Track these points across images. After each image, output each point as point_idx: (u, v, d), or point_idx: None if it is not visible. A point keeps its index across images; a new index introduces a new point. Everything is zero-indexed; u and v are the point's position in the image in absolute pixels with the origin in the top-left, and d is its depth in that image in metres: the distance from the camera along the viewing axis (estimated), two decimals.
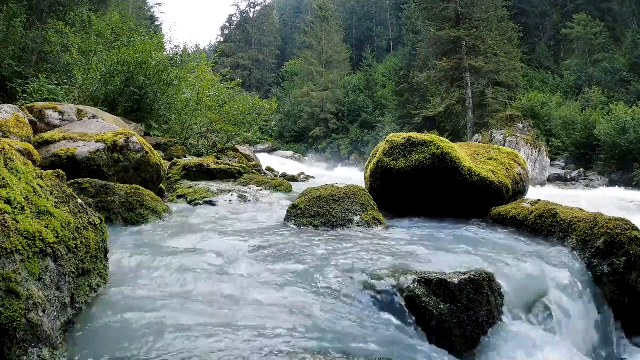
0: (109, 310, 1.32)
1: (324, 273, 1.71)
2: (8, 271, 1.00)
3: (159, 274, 1.66)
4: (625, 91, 27.27)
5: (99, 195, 2.68)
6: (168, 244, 2.17)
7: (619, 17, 35.64)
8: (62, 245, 1.28)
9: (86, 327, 1.22)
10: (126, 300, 1.40)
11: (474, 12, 25.86)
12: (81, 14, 13.14)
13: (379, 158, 3.29)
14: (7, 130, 3.43)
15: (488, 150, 3.73)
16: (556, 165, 22.58)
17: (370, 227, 2.62)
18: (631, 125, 19.56)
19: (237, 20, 54.31)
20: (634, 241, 2.07)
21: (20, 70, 10.33)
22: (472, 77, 24.96)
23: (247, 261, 1.88)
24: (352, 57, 44.36)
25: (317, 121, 37.66)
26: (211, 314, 1.33)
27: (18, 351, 0.96)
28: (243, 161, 7.34)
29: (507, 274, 1.82)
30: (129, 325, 1.23)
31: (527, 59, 32.95)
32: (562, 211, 2.50)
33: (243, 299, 1.47)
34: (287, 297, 1.50)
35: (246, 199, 3.88)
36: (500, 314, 1.64)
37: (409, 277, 1.58)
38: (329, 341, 1.24)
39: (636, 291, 1.99)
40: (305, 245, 2.17)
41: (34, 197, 1.28)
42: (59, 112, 5.01)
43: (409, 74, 31.64)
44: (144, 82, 8.29)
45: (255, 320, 1.31)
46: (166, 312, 1.32)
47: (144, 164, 3.68)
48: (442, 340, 1.47)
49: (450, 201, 3.17)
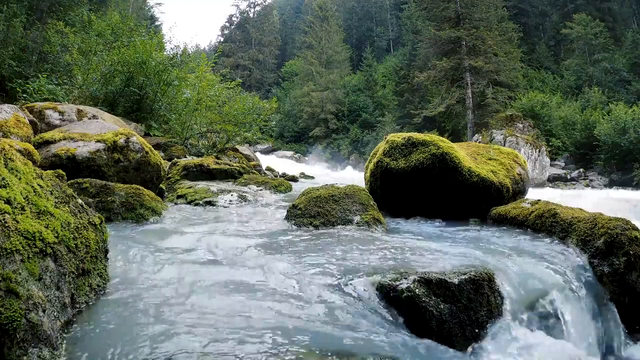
0: (109, 310, 1.32)
1: (323, 273, 1.71)
2: (8, 271, 1.00)
3: (159, 274, 1.66)
4: (625, 91, 27.29)
5: (99, 195, 2.68)
6: (168, 243, 2.17)
7: (619, 17, 35.66)
8: (62, 245, 1.28)
9: (86, 327, 1.22)
10: (126, 300, 1.40)
11: (474, 12, 25.87)
12: (81, 14, 13.15)
13: (379, 158, 3.29)
14: (7, 130, 3.43)
15: (488, 150, 3.73)
16: (556, 165, 22.59)
17: (370, 227, 2.62)
18: (631, 125, 19.58)
19: (237, 20, 54.33)
20: (634, 241, 2.07)
21: (20, 70, 10.33)
22: (472, 77, 24.98)
23: (247, 261, 1.88)
24: (352, 57, 44.38)
25: (317, 121, 37.67)
26: (212, 314, 1.33)
27: (18, 351, 0.96)
28: (243, 161, 7.34)
29: (507, 274, 1.82)
30: (129, 325, 1.23)
31: (527, 59, 32.98)
32: (562, 211, 2.50)
33: (242, 297, 1.47)
34: (288, 297, 1.50)
35: (246, 199, 3.88)
36: (501, 314, 1.64)
37: (409, 277, 1.58)
38: (327, 340, 1.24)
39: (636, 291, 1.99)
40: (305, 245, 2.17)
41: (34, 197, 1.28)
42: (59, 112, 5.02)
43: (409, 74, 31.68)
44: (144, 82, 8.29)
45: (255, 319, 1.31)
46: (166, 312, 1.32)
47: (144, 164, 3.68)
48: (442, 340, 1.47)
49: (450, 201, 3.17)
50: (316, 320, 1.36)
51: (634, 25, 33.69)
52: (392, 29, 50.71)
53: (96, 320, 1.26)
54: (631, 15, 35.10)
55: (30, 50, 11.02)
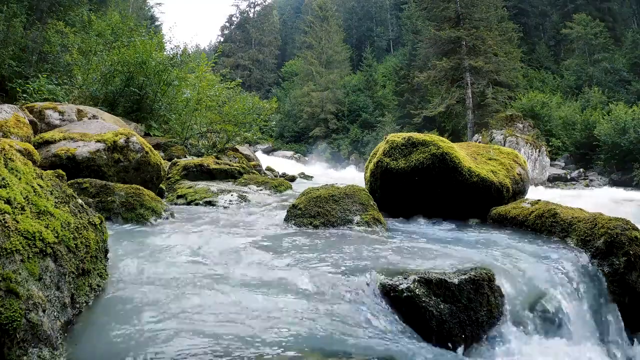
0: (109, 310, 1.32)
1: (323, 273, 1.71)
2: (8, 271, 1.00)
3: (159, 274, 1.66)
4: (625, 91, 27.31)
5: (99, 195, 2.68)
6: (168, 243, 2.17)
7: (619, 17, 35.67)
8: (62, 245, 1.27)
9: (86, 327, 1.22)
10: (126, 300, 1.40)
11: (474, 12, 25.88)
12: (81, 14, 13.15)
13: (379, 158, 3.29)
14: (7, 130, 3.43)
15: (488, 150, 3.73)
16: (556, 165, 22.60)
17: (370, 227, 2.62)
18: (631, 125, 19.59)
19: (237, 20, 54.34)
20: (634, 241, 2.07)
21: (20, 70, 10.33)
22: (472, 77, 24.99)
23: (247, 261, 1.88)
24: (352, 57, 44.39)
25: (317, 121, 37.68)
26: (212, 313, 1.33)
27: (18, 351, 0.96)
28: (243, 161, 7.34)
29: (507, 273, 1.82)
30: (129, 325, 1.23)
31: (527, 59, 32.99)
32: (562, 211, 2.50)
33: (243, 297, 1.47)
34: (287, 298, 1.50)
35: (246, 199, 3.88)
36: (501, 314, 1.64)
37: (409, 277, 1.58)
38: (326, 340, 1.24)
39: (636, 291, 1.99)
40: (305, 245, 2.17)
41: (34, 197, 1.28)
42: (59, 112, 5.02)
43: (409, 74, 31.70)
44: (144, 82, 8.29)
45: (256, 319, 1.31)
46: (166, 311, 1.32)
47: (144, 164, 3.68)
48: (442, 340, 1.47)
49: (450, 201, 3.17)
50: (317, 320, 1.36)
51: (634, 25, 33.70)
52: (392, 29, 50.73)
53: (96, 320, 1.26)
54: (631, 15, 35.11)
55: (30, 50, 11.03)
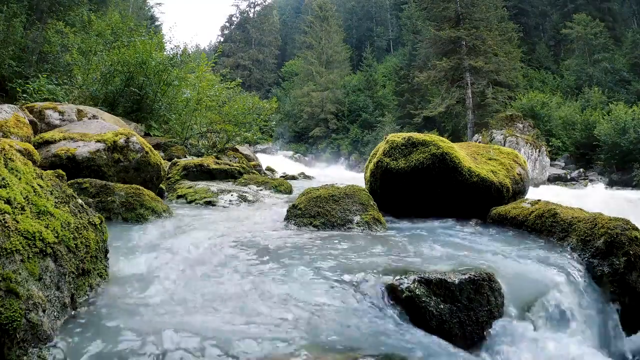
0: (110, 310, 1.32)
1: (323, 273, 1.71)
2: (8, 271, 1.00)
3: (159, 274, 1.66)
4: (625, 91, 27.31)
5: (99, 195, 2.68)
6: (168, 243, 2.17)
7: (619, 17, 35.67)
8: (62, 245, 1.27)
9: (86, 327, 1.22)
10: (126, 300, 1.40)
11: (474, 12, 25.89)
12: (81, 14, 13.15)
13: (379, 158, 3.29)
14: (7, 130, 3.43)
15: (488, 150, 3.73)
16: (556, 165, 22.60)
17: (370, 227, 2.62)
18: (631, 125, 19.58)
19: (237, 20, 54.33)
20: (634, 241, 2.07)
21: (20, 70, 10.33)
22: (472, 77, 24.99)
23: (248, 260, 1.88)
24: (352, 57, 44.40)
25: (317, 121, 37.68)
26: (212, 314, 1.33)
27: (18, 351, 0.96)
28: (243, 161, 7.34)
29: (507, 273, 1.82)
30: (129, 325, 1.23)
31: (527, 59, 33.00)
32: (562, 211, 2.50)
33: (243, 297, 1.47)
34: (287, 297, 1.50)
35: (246, 199, 3.88)
36: (501, 314, 1.64)
37: (409, 277, 1.58)
38: (327, 338, 1.24)
39: (636, 291, 1.99)
40: (305, 245, 2.17)
41: (34, 197, 1.28)
42: (59, 112, 5.01)
43: (409, 74, 31.70)
44: (144, 82, 8.28)
45: (258, 317, 1.31)
46: (166, 311, 1.32)
47: (144, 164, 3.68)
48: (442, 339, 1.47)
49: (450, 201, 3.17)
50: (317, 319, 1.36)
51: (634, 25, 33.70)
52: (392, 29, 50.73)
53: (96, 320, 1.26)
54: (631, 15, 35.12)
55: (30, 50, 11.03)
